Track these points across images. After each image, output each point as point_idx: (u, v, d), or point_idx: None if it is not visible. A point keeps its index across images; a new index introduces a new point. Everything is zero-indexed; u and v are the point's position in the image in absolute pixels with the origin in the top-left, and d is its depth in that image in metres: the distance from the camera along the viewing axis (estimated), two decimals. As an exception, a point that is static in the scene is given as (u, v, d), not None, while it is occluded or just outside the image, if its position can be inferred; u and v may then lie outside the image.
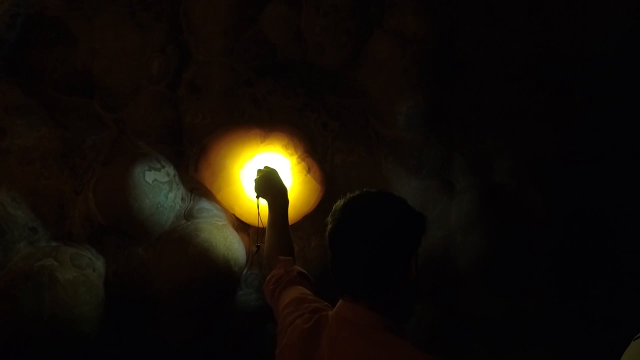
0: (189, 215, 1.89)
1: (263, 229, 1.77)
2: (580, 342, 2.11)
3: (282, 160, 1.94)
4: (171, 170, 1.87)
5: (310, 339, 1.21)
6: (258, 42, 2.02)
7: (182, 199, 1.90)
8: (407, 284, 1.19)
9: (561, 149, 2.23)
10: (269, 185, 1.75)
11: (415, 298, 1.22)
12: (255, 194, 1.79)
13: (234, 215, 1.98)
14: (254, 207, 1.81)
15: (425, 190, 2.06)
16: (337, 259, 1.22)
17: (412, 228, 1.22)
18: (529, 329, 2.22)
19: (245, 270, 1.94)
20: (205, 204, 1.93)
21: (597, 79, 2.26)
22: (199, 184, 1.96)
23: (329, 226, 1.24)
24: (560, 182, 2.22)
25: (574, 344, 2.17)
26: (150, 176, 1.79)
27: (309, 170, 1.97)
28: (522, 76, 2.23)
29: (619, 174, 2.29)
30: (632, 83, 2.28)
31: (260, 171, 1.79)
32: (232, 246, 1.86)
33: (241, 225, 1.98)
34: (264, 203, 1.78)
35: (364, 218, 1.20)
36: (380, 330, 1.15)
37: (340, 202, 1.26)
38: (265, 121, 2.00)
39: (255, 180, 1.78)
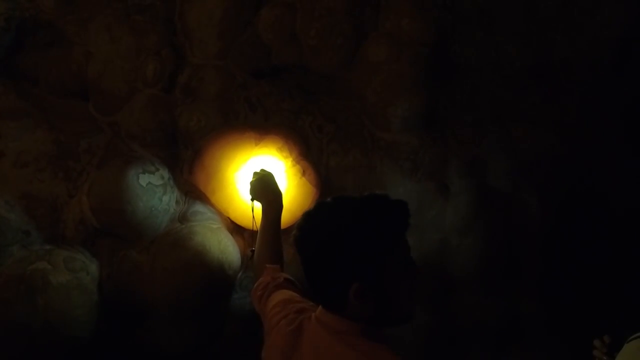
0: (183, 218, 1.89)
1: (257, 232, 1.77)
2: (577, 344, 2.10)
3: (277, 163, 1.93)
4: (165, 173, 1.87)
5: (291, 341, 1.21)
6: (253, 45, 2.02)
7: (177, 202, 1.90)
8: (369, 304, 1.12)
9: (556, 151, 2.23)
10: (265, 188, 1.74)
11: (400, 307, 1.17)
12: (250, 197, 1.78)
13: (229, 218, 1.97)
14: (249, 210, 1.81)
15: (420, 192, 2.06)
16: (302, 263, 1.22)
17: (356, 248, 1.11)
18: (525, 331, 2.21)
19: (240, 274, 1.93)
20: (199, 207, 1.92)
21: (592, 82, 2.26)
22: (193, 187, 1.96)
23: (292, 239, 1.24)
24: (555, 184, 2.22)
25: (570, 345, 2.17)
26: (144, 179, 1.79)
27: (303, 173, 1.96)
28: (518, 79, 2.23)
29: (614, 175, 2.29)
30: (627, 86, 2.28)
31: (257, 174, 1.78)
32: (227, 249, 1.85)
33: (236, 229, 1.98)
34: (258, 206, 1.77)
35: (309, 234, 1.19)
36: (356, 336, 1.14)
37: (301, 216, 1.25)
38: (260, 124, 2.00)
39: (251, 182, 1.77)
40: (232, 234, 1.93)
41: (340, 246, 1.12)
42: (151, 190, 1.80)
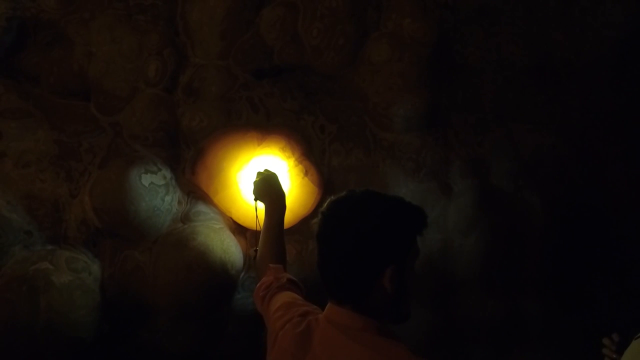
0: (185, 218, 1.88)
1: (260, 232, 1.76)
2: (580, 344, 2.10)
3: (279, 163, 1.93)
4: (168, 173, 1.87)
5: (301, 343, 1.20)
6: (255, 45, 2.02)
7: (179, 202, 1.89)
8: (394, 289, 1.15)
9: (558, 150, 2.23)
10: (268, 188, 1.74)
11: (407, 301, 1.19)
12: (254, 197, 1.77)
13: (231, 218, 1.97)
14: (251, 210, 1.80)
15: (423, 192, 2.06)
16: (321, 261, 1.22)
17: (394, 232, 1.17)
18: (527, 331, 2.21)
19: (242, 274, 1.93)
20: (202, 207, 1.92)
21: (593, 81, 2.27)
22: (195, 187, 1.95)
23: (316, 228, 1.23)
24: (557, 184, 2.22)
25: (573, 346, 2.17)
26: (146, 179, 1.78)
27: (306, 173, 1.96)
28: (519, 79, 2.23)
29: (617, 175, 2.29)
30: (627, 86, 2.29)
31: (260, 174, 1.78)
32: (229, 249, 1.85)
33: (238, 229, 1.97)
34: (261, 206, 1.77)
35: (344, 221, 1.18)
36: (372, 333, 1.14)
37: (325, 204, 1.24)
38: (262, 124, 1.99)
39: (255, 182, 1.77)
40: (234, 234, 1.93)
41: (378, 231, 1.15)
42: (153, 190, 1.79)
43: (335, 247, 1.18)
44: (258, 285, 1.55)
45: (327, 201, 1.24)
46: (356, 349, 1.12)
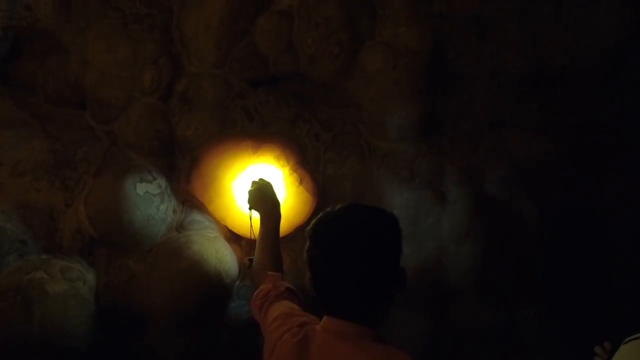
0: (180, 227, 1.89)
1: (255, 242, 1.76)
2: (573, 352, 2.10)
3: (274, 171, 1.94)
4: (163, 182, 1.87)
5: (299, 352, 1.20)
6: (250, 54, 2.03)
7: (174, 211, 1.89)
8: (395, 300, 1.20)
9: (552, 158, 2.24)
10: (263, 198, 1.74)
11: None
12: (248, 206, 1.78)
13: (226, 227, 1.97)
14: (246, 219, 1.80)
15: (417, 201, 2.06)
16: (323, 285, 1.21)
17: (397, 248, 1.20)
18: (522, 338, 2.21)
19: (237, 283, 1.93)
20: (196, 215, 1.92)
21: (587, 89, 2.28)
22: (190, 196, 1.96)
23: (308, 246, 1.23)
24: (551, 192, 2.23)
25: (567, 353, 2.17)
26: (141, 188, 1.79)
27: (301, 182, 1.96)
28: (513, 86, 2.24)
29: (611, 182, 2.30)
30: (621, 93, 2.30)
31: (255, 183, 1.78)
32: (224, 258, 1.85)
33: (233, 237, 1.97)
34: (256, 215, 1.77)
35: (346, 244, 1.17)
36: (370, 339, 1.16)
37: (314, 226, 1.23)
38: (257, 132, 2.00)
39: (249, 191, 1.77)
40: (229, 243, 1.93)
41: (386, 250, 1.19)
42: (148, 199, 1.79)
43: (342, 271, 1.17)
44: (256, 293, 1.54)
45: (316, 222, 1.23)
46: (355, 355, 1.14)
